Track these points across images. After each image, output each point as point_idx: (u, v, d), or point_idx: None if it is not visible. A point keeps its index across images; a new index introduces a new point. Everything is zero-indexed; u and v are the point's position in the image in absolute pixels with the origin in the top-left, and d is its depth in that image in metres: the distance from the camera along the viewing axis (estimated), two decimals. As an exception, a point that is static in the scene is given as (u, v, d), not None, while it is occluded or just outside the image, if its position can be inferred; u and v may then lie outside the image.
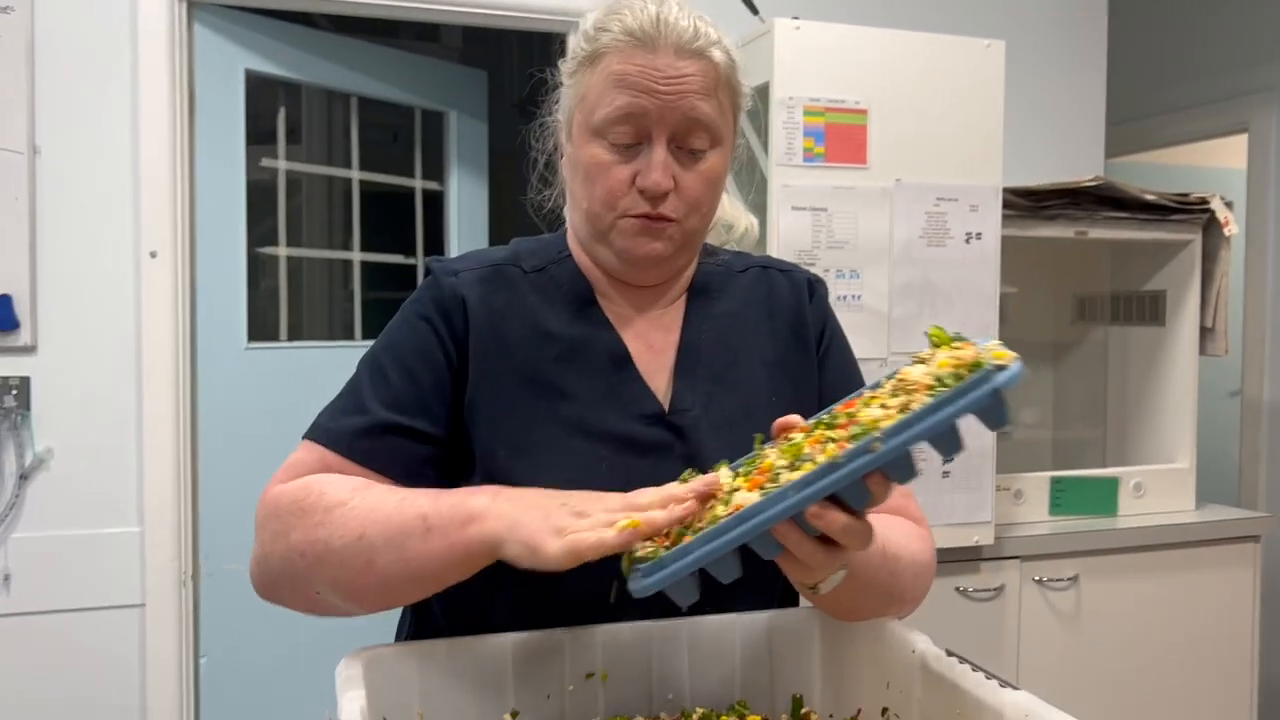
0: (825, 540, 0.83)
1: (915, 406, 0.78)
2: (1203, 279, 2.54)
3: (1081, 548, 2.34)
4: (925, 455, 0.80)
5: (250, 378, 2.58)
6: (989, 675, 0.90)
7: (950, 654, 0.95)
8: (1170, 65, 3.76)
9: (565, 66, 1.10)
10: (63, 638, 2.25)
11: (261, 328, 2.72)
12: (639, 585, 0.82)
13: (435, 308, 1.08)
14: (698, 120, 1.02)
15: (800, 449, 0.83)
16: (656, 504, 0.84)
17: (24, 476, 2.22)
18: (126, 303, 2.30)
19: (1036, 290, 2.91)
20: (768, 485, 0.82)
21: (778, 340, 1.15)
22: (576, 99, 1.06)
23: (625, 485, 0.97)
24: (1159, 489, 2.54)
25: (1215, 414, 4.15)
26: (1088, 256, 2.83)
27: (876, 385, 0.89)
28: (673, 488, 0.87)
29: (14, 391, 2.20)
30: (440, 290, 1.08)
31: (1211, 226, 2.51)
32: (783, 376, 1.14)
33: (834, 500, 0.80)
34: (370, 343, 1.14)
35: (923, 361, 0.85)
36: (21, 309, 2.21)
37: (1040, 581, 2.30)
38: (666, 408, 1.09)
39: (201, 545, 2.43)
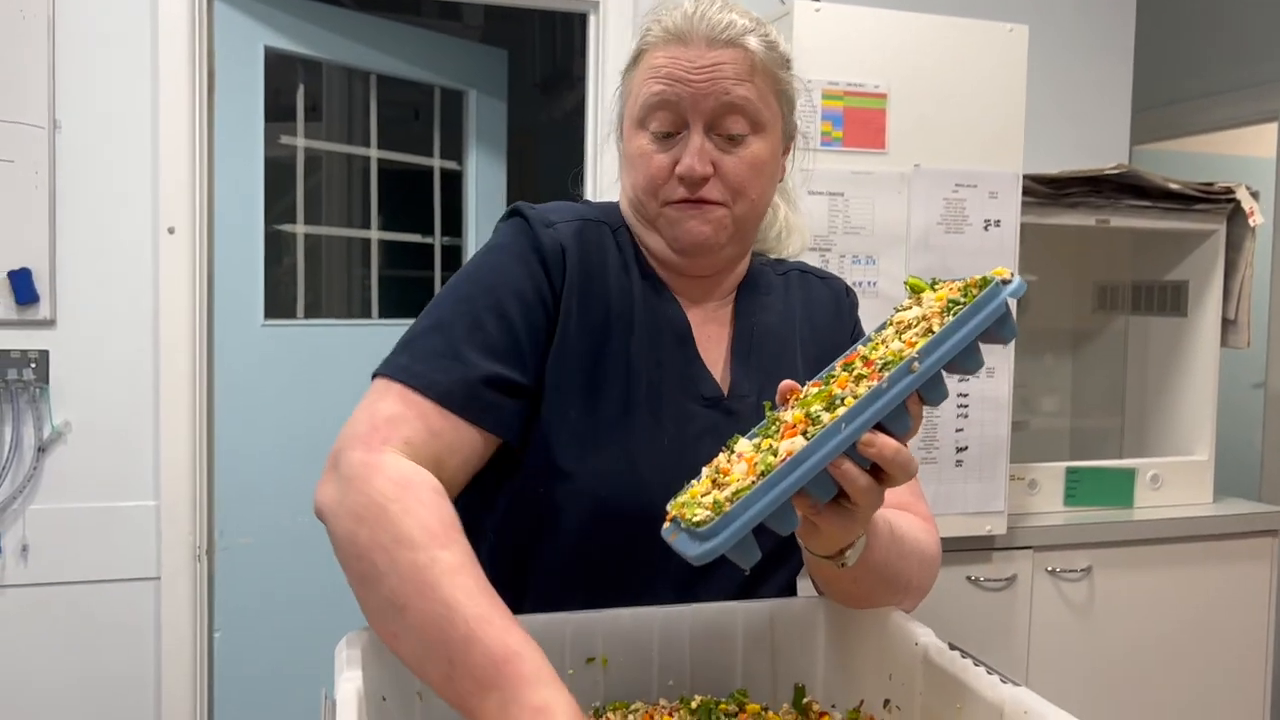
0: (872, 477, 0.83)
1: (937, 330, 0.81)
2: (1226, 270, 2.51)
3: (1095, 539, 2.33)
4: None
5: (267, 354, 2.59)
6: (990, 670, 0.89)
7: (953, 647, 0.95)
8: (1199, 51, 3.70)
9: (621, 74, 1.15)
10: (79, 609, 2.28)
11: (278, 305, 2.73)
12: (699, 550, 0.77)
13: (536, 255, 1.05)
14: (732, 104, 1.04)
15: (830, 393, 0.84)
16: None
17: (42, 449, 2.24)
18: (144, 278, 2.31)
19: (1058, 278, 2.88)
20: (810, 430, 0.81)
21: (818, 340, 1.18)
22: (625, 96, 1.12)
23: (679, 461, 0.99)
24: (1176, 481, 2.52)
25: (1239, 406, 4.11)
26: (1110, 245, 2.80)
27: (868, 340, 0.91)
28: None
29: (33, 365, 2.22)
30: (539, 238, 1.06)
31: (1236, 217, 2.48)
32: (818, 370, 1.16)
33: (879, 429, 0.81)
34: (389, 321, 1.14)
35: (909, 308, 0.89)
36: (41, 283, 2.23)
37: (1053, 572, 2.29)
38: (726, 392, 1.10)
39: (217, 520, 2.45)
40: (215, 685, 2.46)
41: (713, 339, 1.13)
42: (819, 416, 0.82)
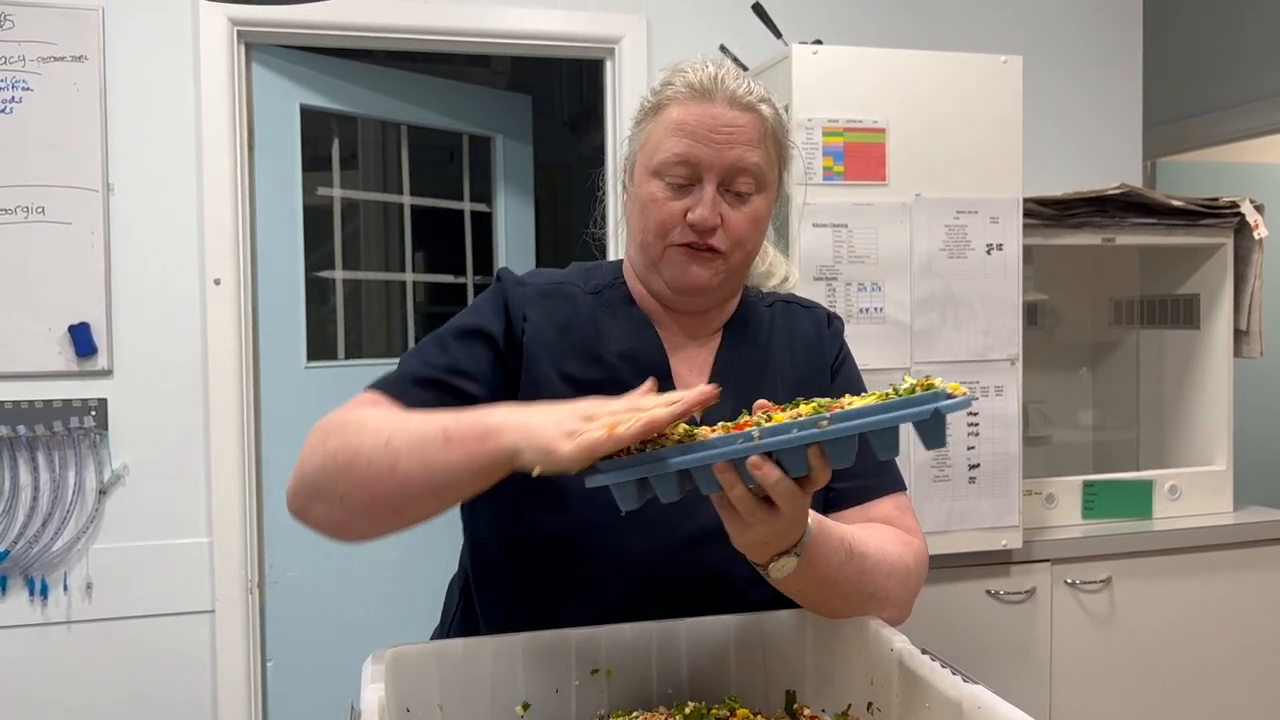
0: (765, 500, 0.92)
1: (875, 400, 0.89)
2: (1236, 282, 2.55)
3: (1113, 550, 2.36)
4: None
5: (310, 395, 2.72)
6: (955, 671, 0.97)
7: (925, 652, 1.03)
8: (1212, 65, 3.73)
9: (634, 119, 1.26)
10: (140, 642, 2.42)
11: (320, 347, 2.87)
12: (591, 478, 0.92)
13: (501, 304, 1.21)
14: (745, 168, 1.17)
15: (772, 418, 0.93)
16: (660, 404, 0.93)
17: (103, 492, 2.39)
18: (193, 327, 2.46)
19: (1074, 295, 2.93)
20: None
21: (797, 364, 1.30)
22: (640, 144, 1.22)
23: None
24: (1196, 491, 2.55)
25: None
26: (1121, 261, 2.85)
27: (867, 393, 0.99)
28: (673, 394, 0.96)
29: (93, 413, 2.37)
30: (508, 295, 1.22)
31: (1243, 230, 2.52)
32: (799, 396, 1.26)
33: (778, 464, 0.90)
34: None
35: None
36: (99, 336, 2.38)
37: (1072, 584, 2.33)
38: (699, 418, 1.20)
39: (266, 555, 2.57)
40: (269, 712, 2.58)
41: (694, 372, 1.25)
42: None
